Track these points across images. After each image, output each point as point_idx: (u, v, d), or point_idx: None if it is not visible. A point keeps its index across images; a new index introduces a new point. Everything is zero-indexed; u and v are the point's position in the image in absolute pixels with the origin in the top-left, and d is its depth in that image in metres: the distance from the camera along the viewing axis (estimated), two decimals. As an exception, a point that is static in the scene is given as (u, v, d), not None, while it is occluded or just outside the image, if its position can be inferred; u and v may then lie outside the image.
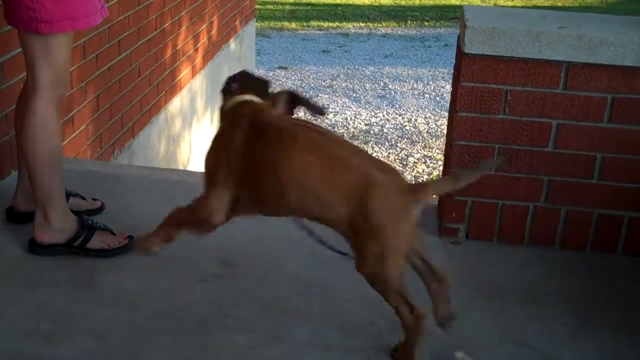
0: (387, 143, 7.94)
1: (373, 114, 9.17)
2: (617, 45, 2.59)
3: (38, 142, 2.49)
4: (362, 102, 9.63)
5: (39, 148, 2.50)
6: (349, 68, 11.14)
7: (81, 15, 2.42)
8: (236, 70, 3.02)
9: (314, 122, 2.19)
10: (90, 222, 2.63)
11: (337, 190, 2.01)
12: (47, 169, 2.52)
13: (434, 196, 2.02)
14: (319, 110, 2.28)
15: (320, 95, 10.09)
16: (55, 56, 2.42)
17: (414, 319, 2.08)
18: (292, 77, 10.81)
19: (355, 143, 8.11)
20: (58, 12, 2.36)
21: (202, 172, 2.23)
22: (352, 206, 1.99)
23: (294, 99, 2.30)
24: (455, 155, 2.79)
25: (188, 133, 5.46)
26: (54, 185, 2.55)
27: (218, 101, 2.48)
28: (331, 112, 9.39)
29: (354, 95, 10.03)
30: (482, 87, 2.70)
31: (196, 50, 5.49)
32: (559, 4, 14.40)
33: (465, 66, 2.70)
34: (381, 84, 10.56)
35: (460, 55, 2.73)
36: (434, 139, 8.54)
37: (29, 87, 2.49)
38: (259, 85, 2.38)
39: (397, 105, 9.62)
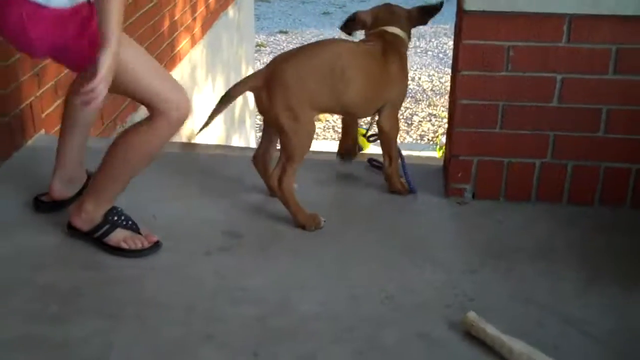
0: (391, 103, 7.88)
1: (376, 74, 9.11)
2: (619, -5, 2.54)
3: (140, 157, 2.42)
4: (365, 63, 9.55)
5: (138, 162, 2.43)
6: (350, 29, 11.04)
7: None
8: (235, 38, 3.02)
9: None
10: (116, 217, 2.51)
11: None
12: (127, 177, 2.47)
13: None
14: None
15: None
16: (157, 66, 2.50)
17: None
18: (294, 41, 10.73)
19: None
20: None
21: None
22: None
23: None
24: (459, 115, 2.76)
25: (190, 103, 5.42)
26: (117, 191, 2.50)
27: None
28: (334, 75, 9.31)
29: (357, 56, 9.94)
30: (484, 45, 2.66)
31: (194, 19, 5.43)
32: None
33: (466, 24, 2.65)
34: (384, 43, 10.47)
35: (461, 12, 2.68)
36: (438, 97, 8.50)
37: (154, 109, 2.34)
38: None
39: (400, 65, 9.54)
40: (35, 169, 3.03)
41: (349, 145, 2.98)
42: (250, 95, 2.69)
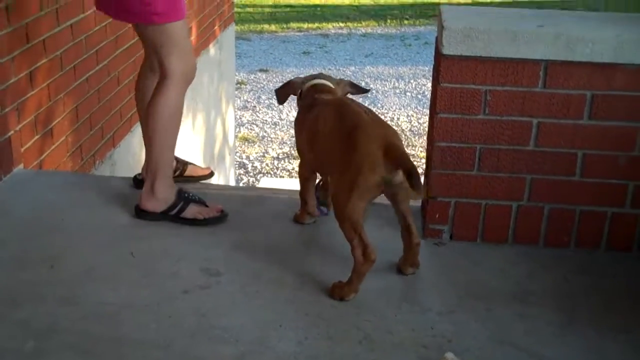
0: (370, 143, 7.93)
1: (355, 114, 9.17)
2: (594, 42, 2.60)
3: (159, 122, 2.81)
4: (344, 102, 9.62)
5: (159, 127, 2.82)
6: (330, 69, 11.15)
7: (181, 7, 2.77)
8: (216, 76, 3.08)
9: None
10: (187, 194, 2.92)
11: (340, 131, 2.49)
12: (162, 144, 2.85)
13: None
14: (363, 90, 2.99)
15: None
16: (177, 42, 2.77)
17: (363, 258, 2.41)
18: (274, 80, 10.81)
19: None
20: (168, 5, 2.70)
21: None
22: (344, 143, 2.43)
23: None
24: (437, 157, 2.79)
25: (170, 140, 5.42)
26: (164, 159, 2.88)
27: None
28: (313, 114, 9.35)
29: (336, 96, 10.01)
30: (462, 88, 2.70)
31: (175, 56, 5.45)
32: (537, -1, 14.48)
33: (444, 67, 2.69)
34: (362, 83, 10.57)
35: (439, 56, 2.73)
36: (416, 137, 8.57)
37: (161, 73, 2.81)
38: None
39: (379, 105, 9.64)
40: (13, 204, 3.02)
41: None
42: (230, 130, 2.73)
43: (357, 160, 2.38)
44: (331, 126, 2.56)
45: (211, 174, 3.42)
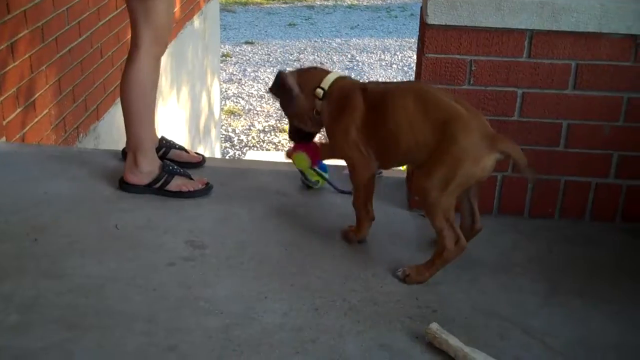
0: (356, 115, 7.91)
1: (341, 86, 9.13)
2: (579, 12, 2.59)
3: (133, 92, 2.80)
4: (329, 74, 9.58)
5: (133, 98, 2.81)
6: (315, 41, 11.11)
7: None
8: (200, 48, 3.05)
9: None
10: (171, 167, 2.91)
11: (430, 123, 2.34)
12: (139, 117, 2.84)
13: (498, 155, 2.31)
14: None
15: (288, 69, 10.02)
16: (155, 17, 2.72)
17: (456, 247, 2.39)
18: (259, 52, 10.75)
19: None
20: None
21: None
22: (437, 135, 2.31)
23: None
24: (422, 128, 2.78)
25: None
26: (143, 133, 2.86)
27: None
28: (299, 86, 9.32)
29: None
30: (447, 58, 2.69)
31: (159, 28, 5.40)
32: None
33: (429, 37, 2.68)
34: (348, 55, 10.55)
35: (424, 26, 2.71)
36: (402, 110, 8.53)
37: (132, 43, 2.78)
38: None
39: (365, 77, 9.61)
40: (-4, 178, 3.00)
41: None
42: (216, 103, 2.69)
43: (458, 153, 2.29)
44: (414, 116, 2.37)
45: (201, 162, 3.18)
